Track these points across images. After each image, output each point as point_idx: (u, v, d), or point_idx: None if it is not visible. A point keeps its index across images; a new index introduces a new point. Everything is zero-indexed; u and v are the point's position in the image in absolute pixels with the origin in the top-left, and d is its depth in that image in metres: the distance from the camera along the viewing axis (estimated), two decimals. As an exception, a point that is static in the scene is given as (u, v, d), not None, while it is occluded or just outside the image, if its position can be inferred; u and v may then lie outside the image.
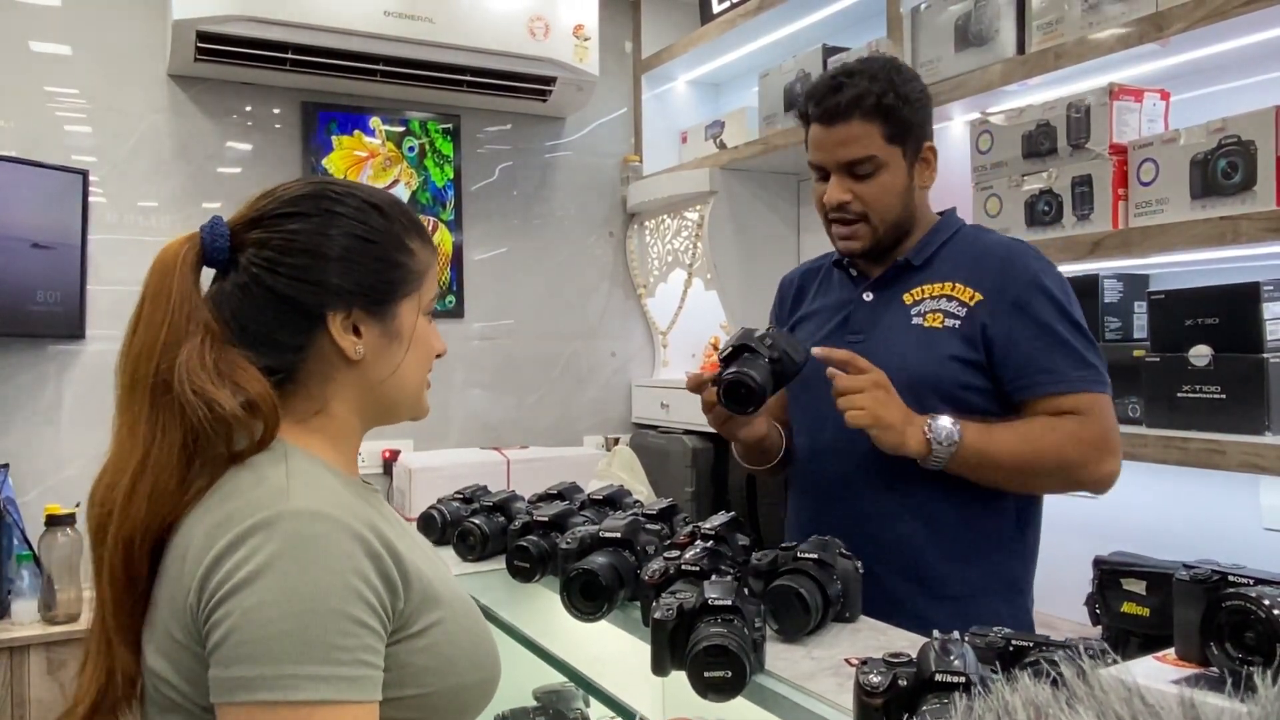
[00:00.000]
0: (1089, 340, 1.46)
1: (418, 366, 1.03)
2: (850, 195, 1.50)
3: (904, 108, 1.50)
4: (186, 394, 0.88)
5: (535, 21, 3.10)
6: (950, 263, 1.53)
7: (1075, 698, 0.62)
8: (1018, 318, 1.44)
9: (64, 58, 2.92)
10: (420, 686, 0.90)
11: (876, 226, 1.52)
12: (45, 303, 2.70)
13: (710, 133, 3.42)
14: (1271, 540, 1.93)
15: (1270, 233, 1.68)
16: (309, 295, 0.95)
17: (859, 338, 1.54)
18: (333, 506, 0.87)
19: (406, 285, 1.00)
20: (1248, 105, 1.75)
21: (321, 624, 0.81)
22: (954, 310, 1.47)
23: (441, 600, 0.94)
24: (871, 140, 1.48)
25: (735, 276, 3.30)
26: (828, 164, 1.52)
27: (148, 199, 3.00)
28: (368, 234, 0.98)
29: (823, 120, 1.51)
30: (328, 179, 1.03)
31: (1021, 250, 1.51)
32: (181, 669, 0.86)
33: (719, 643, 1.06)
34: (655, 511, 1.56)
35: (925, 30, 2.42)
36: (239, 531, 0.83)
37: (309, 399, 0.98)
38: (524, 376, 3.60)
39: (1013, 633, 1.00)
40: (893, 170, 1.50)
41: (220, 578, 0.82)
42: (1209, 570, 0.85)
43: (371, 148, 3.31)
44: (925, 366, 1.46)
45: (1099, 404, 1.43)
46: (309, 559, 0.82)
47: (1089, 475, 1.43)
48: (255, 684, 0.79)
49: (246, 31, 2.78)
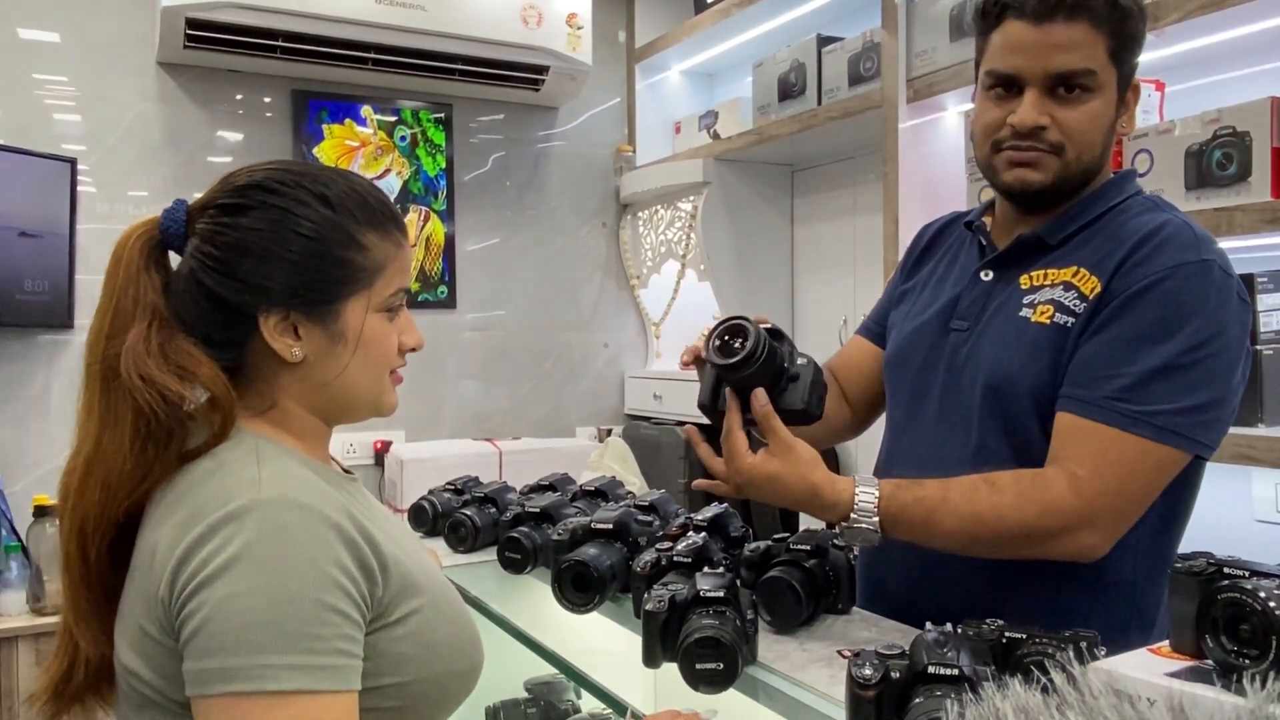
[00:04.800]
0: (1183, 373, 1.10)
1: (369, 367, 0.95)
2: (1049, 119, 1.18)
3: (1138, 18, 1.19)
4: (133, 380, 0.86)
5: (528, 10, 3.08)
6: (1090, 243, 1.21)
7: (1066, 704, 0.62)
8: (1116, 316, 1.14)
9: (52, 45, 2.89)
10: (400, 675, 0.89)
11: (1070, 162, 1.20)
12: (33, 292, 2.68)
13: (704, 123, 3.41)
14: (1263, 532, 1.93)
15: (1265, 224, 1.67)
16: (238, 295, 0.90)
17: (963, 326, 1.28)
18: (307, 494, 0.85)
19: (352, 284, 0.93)
20: (1243, 96, 1.74)
21: (299, 613, 0.79)
22: (1071, 303, 1.18)
23: (421, 588, 0.93)
24: (1095, 51, 1.16)
25: (728, 268, 3.28)
26: (1030, 71, 1.18)
27: (137, 188, 2.98)
28: (307, 230, 0.91)
29: (1036, 15, 1.17)
30: (287, 165, 0.96)
31: (1177, 238, 1.16)
32: (155, 664, 0.85)
33: (710, 634, 1.05)
34: (647, 503, 1.56)
35: (919, 20, 2.41)
36: (210, 522, 0.81)
37: (259, 395, 0.94)
38: (516, 367, 3.59)
39: (1006, 625, 0.99)
40: (1106, 96, 1.19)
41: (192, 569, 0.80)
42: (1204, 562, 0.84)
43: (363, 137, 3.29)
44: (1023, 373, 1.19)
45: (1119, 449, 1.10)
46: (284, 548, 0.81)
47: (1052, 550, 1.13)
48: (231, 674, 0.78)
49: (236, 19, 2.76)
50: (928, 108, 2.46)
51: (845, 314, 3.09)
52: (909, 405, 1.35)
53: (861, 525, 1.15)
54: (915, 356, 1.34)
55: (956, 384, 1.27)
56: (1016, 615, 1.09)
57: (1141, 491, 1.13)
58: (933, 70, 2.37)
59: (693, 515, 1.43)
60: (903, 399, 1.37)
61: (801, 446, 1.18)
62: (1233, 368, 1.15)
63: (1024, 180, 1.22)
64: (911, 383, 1.34)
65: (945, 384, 1.29)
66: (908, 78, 2.46)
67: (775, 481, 1.18)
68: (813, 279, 3.32)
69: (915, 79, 2.44)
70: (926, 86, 2.41)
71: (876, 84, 2.56)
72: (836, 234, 3.20)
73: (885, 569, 1.33)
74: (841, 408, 1.49)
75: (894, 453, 1.37)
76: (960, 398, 1.26)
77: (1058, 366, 1.17)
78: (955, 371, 1.28)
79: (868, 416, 1.52)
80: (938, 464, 1.24)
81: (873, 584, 1.37)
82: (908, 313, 1.40)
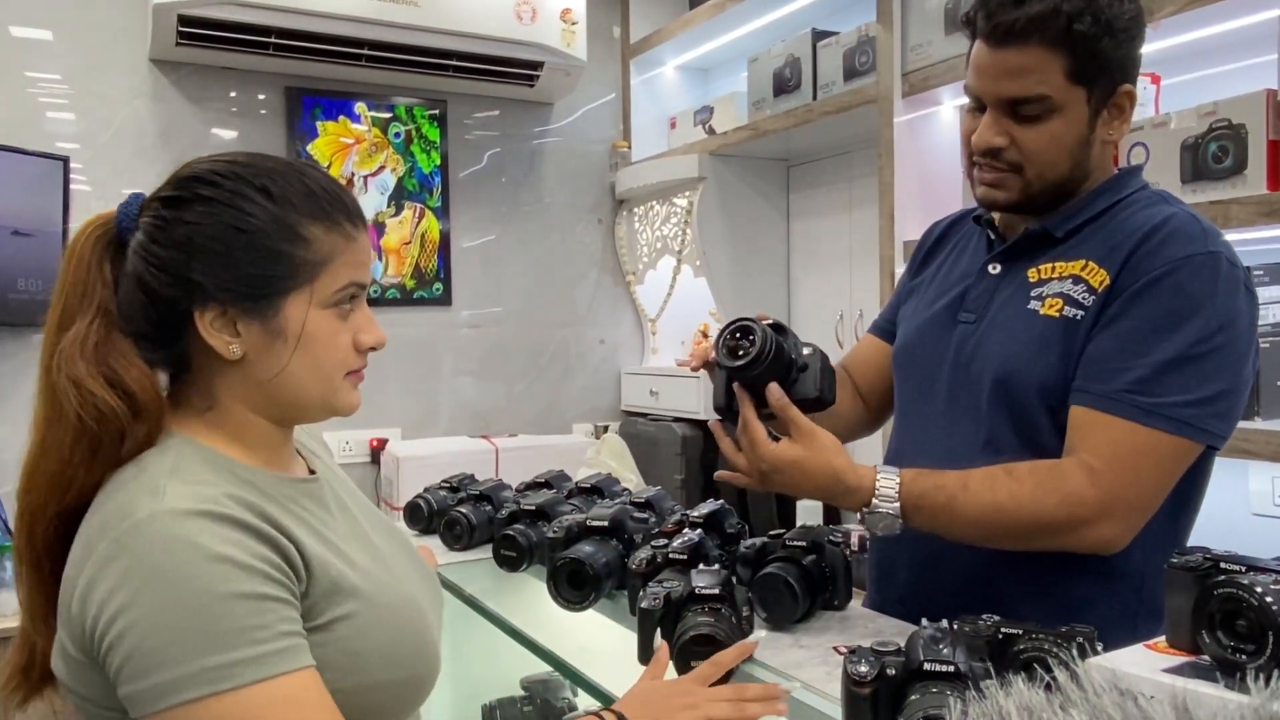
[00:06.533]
0: (1196, 364, 1.11)
1: (313, 366, 0.92)
2: (1006, 140, 1.19)
3: (1103, 38, 1.14)
4: (61, 381, 0.86)
5: (522, 5, 3.07)
6: (1097, 236, 1.21)
7: (1069, 701, 0.62)
8: (1126, 309, 1.15)
9: (44, 43, 2.88)
10: (331, 684, 0.85)
11: (1031, 181, 1.21)
12: (26, 291, 2.67)
13: (699, 118, 3.40)
14: (1260, 526, 1.93)
15: (1261, 217, 1.67)
16: (171, 290, 0.88)
17: (970, 318, 1.28)
18: (207, 502, 0.82)
19: (293, 279, 0.90)
20: (1238, 89, 1.74)
21: (227, 610, 0.78)
22: (1080, 296, 1.18)
23: (359, 593, 0.90)
24: (1048, 75, 1.15)
25: (724, 263, 3.28)
26: (986, 94, 1.20)
27: (130, 186, 2.93)
28: (242, 223, 0.88)
29: (991, 39, 1.17)
30: (234, 157, 0.93)
31: (1186, 230, 1.16)
32: (77, 677, 0.84)
33: (706, 632, 1.05)
34: (643, 500, 1.55)
35: (914, 14, 2.41)
36: (107, 546, 0.80)
37: (200, 394, 0.93)
38: (512, 364, 3.58)
39: (1002, 620, 0.99)
40: (1069, 117, 1.17)
41: (100, 598, 0.79)
42: (1200, 557, 0.84)
43: (357, 134, 3.28)
44: (1032, 365, 1.19)
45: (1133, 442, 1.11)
46: (186, 555, 0.78)
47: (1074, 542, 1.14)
48: (177, 685, 0.77)
49: (228, 15, 2.74)
50: (923, 102, 2.45)
51: (841, 309, 3.08)
52: (917, 398, 1.35)
53: (883, 510, 1.15)
54: (923, 349, 1.34)
55: (965, 376, 1.27)
56: (1025, 605, 1.12)
57: (1157, 483, 1.14)
58: (928, 64, 2.37)
59: (689, 512, 1.43)
60: (911, 391, 1.37)
61: (823, 433, 1.19)
62: (1243, 358, 1.15)
63: (990, 198, 1.25)
64: (919, 375, 1.34)
65: (953, 376, 1.29)
66: (903, 72, 2.45)
67: (798, 467, 1.17)
68: (809, 274, 3.32)
69: (910, 73, 2.43)
70: (922, 81, 2.40)
71: (872, 78, 2.55)
72: (832, 229, 3.19)
73: (895, 560, 1.33)
74: (856, 404, 1.50)
75: (903, 445, 1.37)
76: (969, 390, 1.27)
77: (1067, 359, 1.17)
78: (963, 364, 1.28)
79: (881, 412, 1.52)
80: (947, 455, 1.24)
81: (883, 575, 1.37)
82: (916, 307, 1.40)
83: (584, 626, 1.39)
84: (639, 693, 0.98)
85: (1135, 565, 1.19)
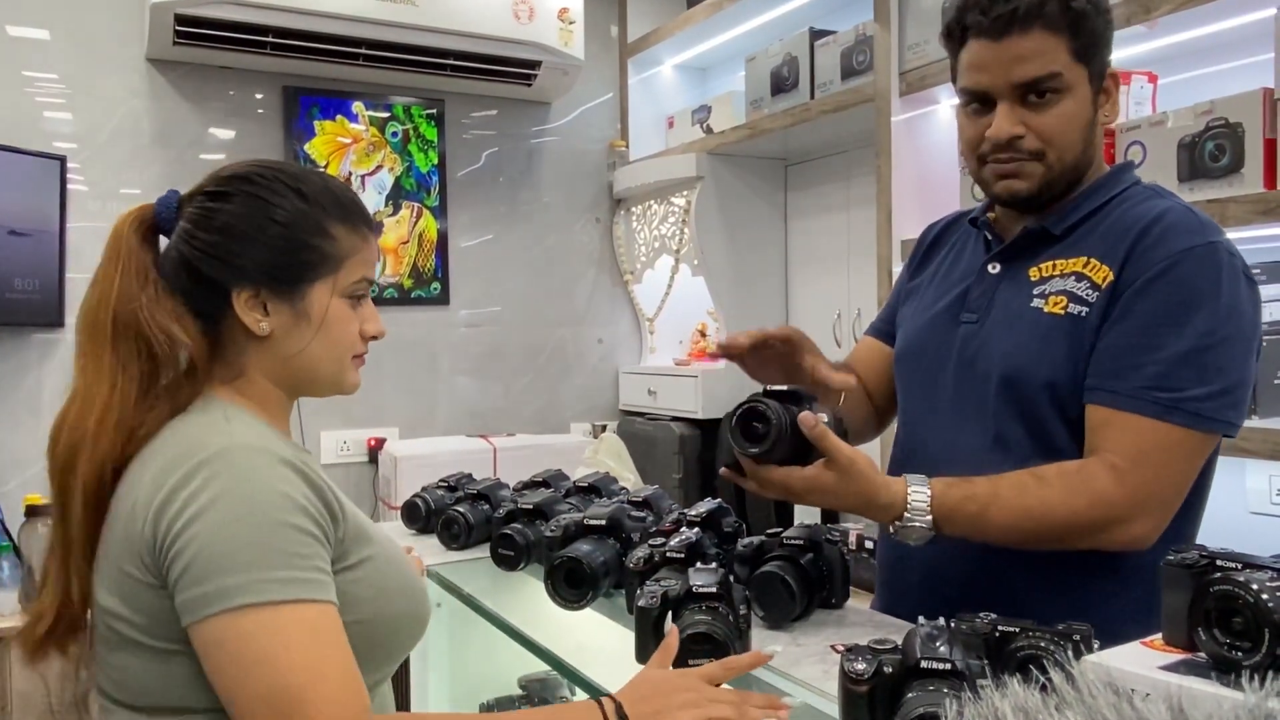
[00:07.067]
0: (1206, 356, 1.13)
1: (330, 347, 1.05)
2: (1023, 128, 1.20)
3: (1095, 16, 1.19)
4: (152, 329, 0.98)
5: (520, 5, 3.07)
6: (1096, 232, 1.23)
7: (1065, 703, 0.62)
8: (1133, 304, 1.16)
9: (42, 42, 2.88)
10: (358, 614, 0.96)
11: (1052, 165, 1.21)
12: (24, 290, 2.67)
13: (697, 117, 3.40)
14: (1257, 524, 1.93)
15: (1258, 215, 1.67)
16: (215, 270, 1.00)
17: (973, 319, 1.29)
18: (271, 444, 0.95)
19: (320, 268, 1.03)
20: (1235, 87, 1.74)
21: (281, 534, 0.89)
22: (1083, 293, 1.19)
23: (373, 539, 1.02)
24: (1057, 55, 1.18)
25: (722, 262, 3.28)
26: (996, 87, 1.21)
27: (128, 186, 2.97)
28: (281, 216, 1.01)
29: (992, 33, 1.20)
30: (268, 162, 1.07)
31: (1184, 223, 1.18)
32: (135, 603, 0.92)
33: (703, 630, 1.05)
34: (641, 499, 1.55)
35: (912, 13, 2.41)
36: (188, 468, 0.90)
37: (228, 365, 1.04)
38: (510, 364, 3.58)
39: (999, 619, 0.99)
40: (1078, 95, 1.20)
41: (176, 509, 0.88)
42: (1197, 554, 0.84)
43: (355, 133, 3.28)
44: (1038, 363, 1.20)
45: (1155, 439, 1.13)
46: (257, 482, 0.90)
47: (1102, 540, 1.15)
48: (229, 592, 0.86)
49: (225, 14, 2.74)
50: (920, 101, 2.45)
51: (839, 308, 3.08)
52: (922, 398, 1.36)
53: (916, 524, 1.16)
54: (926, 350, 1.34)
55: (969, 376, 1.28)
56: (1038, 602, 1.12)
57: (1181, 477, 1.16)
58: (925, 63, 2.37)
59: (686, 510, 1.43)
60: (915, 393, 1.38)
61: (861, 456, 1.18)
62: (1250, 346, 1.17)
63: (1012, 190, 1.24)
64: (923, 376, 1.35)
65: (958, 376, 1.29)
66: (900, 71, 2.45)
67: (834, 493, 1.17)
68: (806, 273, 3.32)
69: (908, 72, 2.44)
70: (919, 79, 2.40)
71: (869, 77, 2.55)
72: (830, 228, 3.19)
73: (905, 560, 1.33)
74: (867, 408, 1.50)
75: (909, 446, 1.37)
76: (974, 389, 1.27)
77: (1074, 356, 1.19)
78: (967, 363, 1.28)
79: (886, 415, 1.53)
80: (955, 455, 1.25)
81: (893, 576, 1.37)
82: (916, 308, 1.41)
83: (582, 625, 1.39)
84: (641, 682, 0.98)
85: (1149, 559, 1.17)
